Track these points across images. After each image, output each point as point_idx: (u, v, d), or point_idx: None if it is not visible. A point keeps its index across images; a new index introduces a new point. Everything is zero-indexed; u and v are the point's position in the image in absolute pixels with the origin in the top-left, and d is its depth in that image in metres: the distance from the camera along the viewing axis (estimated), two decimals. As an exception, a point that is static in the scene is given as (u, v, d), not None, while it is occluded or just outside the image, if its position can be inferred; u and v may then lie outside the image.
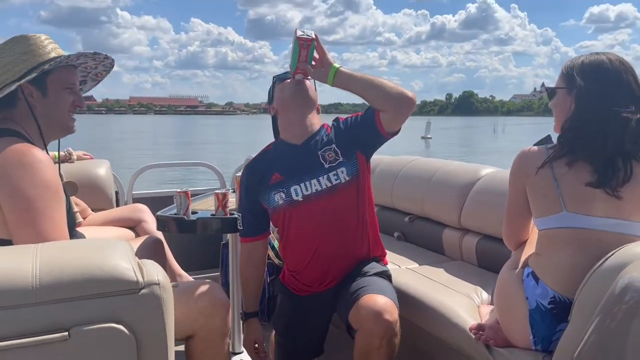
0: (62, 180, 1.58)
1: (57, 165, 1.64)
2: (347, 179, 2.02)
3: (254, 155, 3.30)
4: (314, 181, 2.02)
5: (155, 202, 3.05)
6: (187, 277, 2.46)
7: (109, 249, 1.16)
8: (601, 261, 1.35)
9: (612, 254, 1.34)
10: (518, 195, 1.68)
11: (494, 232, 2.42)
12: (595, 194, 1.52)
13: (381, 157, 3.39)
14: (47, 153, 1.53)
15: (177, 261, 2.55)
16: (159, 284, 1.14)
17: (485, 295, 2.16)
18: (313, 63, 2.01)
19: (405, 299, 2.21)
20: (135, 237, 2.62)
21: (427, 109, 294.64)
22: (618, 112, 1.51)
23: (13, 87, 1.47)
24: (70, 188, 1.60)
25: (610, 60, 1.57)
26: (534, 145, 1.84)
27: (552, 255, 1.57)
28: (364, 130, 2.03)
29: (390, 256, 2.68)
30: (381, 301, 1.78)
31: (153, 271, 1.16)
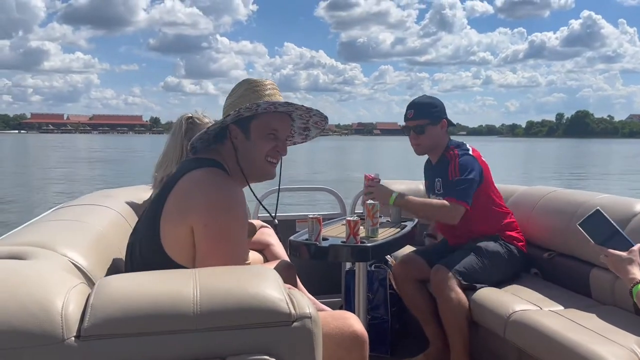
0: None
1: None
2: None
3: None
4: (433, 195, 2.89)
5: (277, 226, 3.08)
6: (317, 302, 2.43)
7: (263, 278, 1.15)
8: None
9: None
10: None
11: (655, 276, 2.13)
12: None
13: (515, 187, 3.18)
14: (252, 192, 1.68)
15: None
16: (310, 318, 1.11)
17: (651, 349, 1.89)
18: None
19: (552, 346, 2.01)
20: (264, 261, 2.64)
21: (535, 129, 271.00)
22: None
23: (216, 126, 1.61)
24: (250, 231, 1.70)
25: None
26: (581, 224, 1.86)
27: None
28: None
29: (527, 295, 2.49)
30: (438, 275, 2.57)
31: (304, 303, 1.12)
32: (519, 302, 2.40)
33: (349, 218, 2.22)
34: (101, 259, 1.51)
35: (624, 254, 1.66)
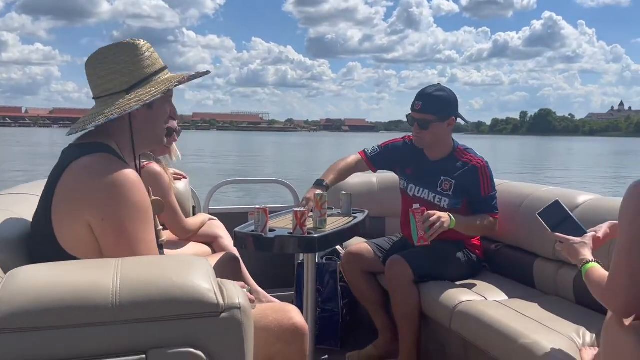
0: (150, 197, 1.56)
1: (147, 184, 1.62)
2: (445, 207, 2.64)
3: None
4: (425, 191, 2.76)
5: (229, 218, 3.04)
6: (264, 294, 2.39)
7: (190, 268, 1.11)
8: None
9: None
10: (636, 238, 1.37)
11: (595, 266, 2.18)
12: None
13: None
14: (137, 167, 1.50)
15: (249, 279, 2.50)
16: (239, 308, 1.07)
17: (588, 337, 1.93)
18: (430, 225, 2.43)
19: (494, 335, 2.03)
20: (212, 253, 2.60)
21: (500, 127, 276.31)
22: None
23: (137, 106, 1.41)
24: (157, 206, 1.57)
25: None
26: (540, 214, 1.86)
27: None
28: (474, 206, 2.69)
29: (474, 286, 2.53)
30: (394, 267, 2.54)
31: (234, 293, 1.09)
32: (466, 293, 2.42)
33: (295, 209, 2.19)
34: (24, 252, 1.43)
35: (577, 239, 1.71)
